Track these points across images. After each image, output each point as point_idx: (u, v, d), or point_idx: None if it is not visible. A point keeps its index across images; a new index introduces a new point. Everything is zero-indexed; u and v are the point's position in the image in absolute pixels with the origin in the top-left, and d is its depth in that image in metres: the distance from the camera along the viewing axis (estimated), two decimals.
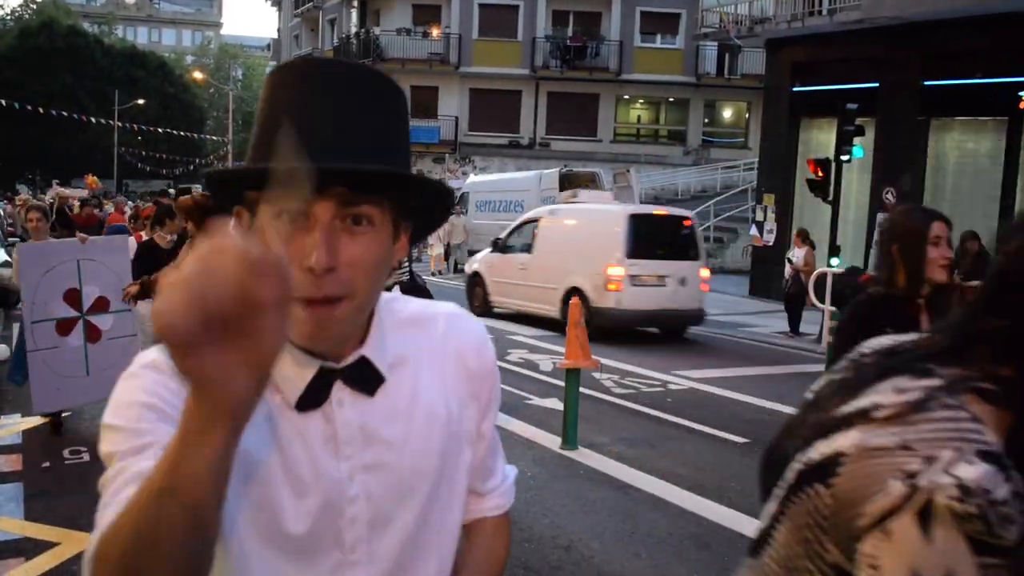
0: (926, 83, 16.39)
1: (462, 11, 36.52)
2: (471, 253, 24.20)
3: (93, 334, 7.34)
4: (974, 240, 11.93)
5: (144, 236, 8.79)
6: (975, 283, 7.20)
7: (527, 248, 14.66)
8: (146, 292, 7.93)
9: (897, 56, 16.62)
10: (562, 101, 36.74)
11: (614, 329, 12.89)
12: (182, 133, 53.65)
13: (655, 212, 14.04)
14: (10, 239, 16.50)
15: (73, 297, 7.19)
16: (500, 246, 15.46)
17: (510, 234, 15.37)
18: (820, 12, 17.89)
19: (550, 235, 14.15)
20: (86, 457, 6.78)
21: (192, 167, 58.33)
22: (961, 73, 15.85)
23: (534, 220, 14.94)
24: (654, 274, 13.10)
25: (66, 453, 6.84)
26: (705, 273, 13.86)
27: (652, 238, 13.29)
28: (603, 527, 5.64)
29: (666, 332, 14.10)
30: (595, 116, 37.09)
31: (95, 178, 26.96)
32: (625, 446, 7.49)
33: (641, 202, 24.33)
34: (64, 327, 7.16)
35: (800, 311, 14.30)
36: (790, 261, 14.68)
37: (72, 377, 7.17)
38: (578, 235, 13.93)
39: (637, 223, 13.22)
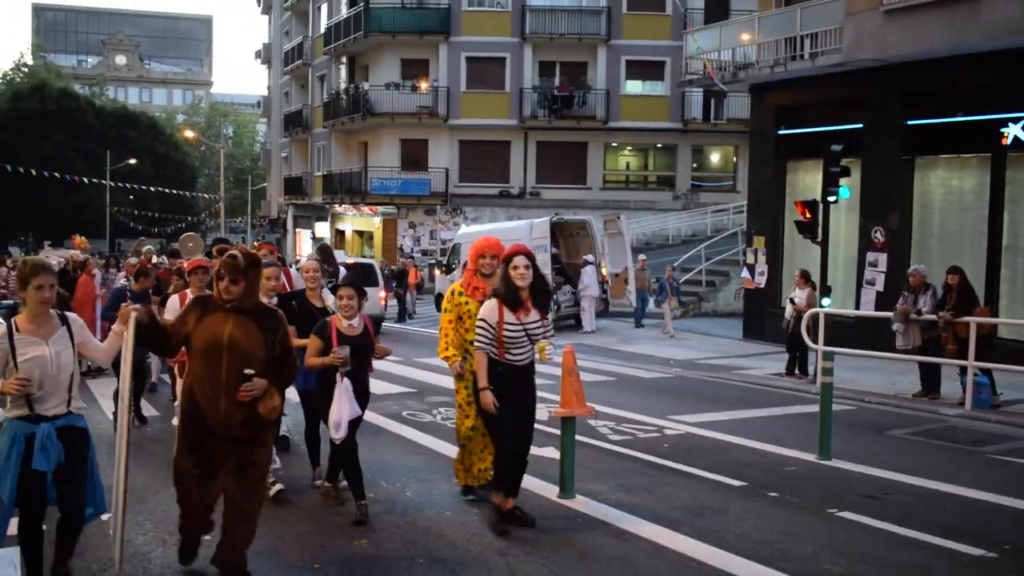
0: (908, 123, 16.58)
1: (450, 64, 36.94)
2: None
3: None
4: (955, 274, 12.03)
5: (190, 294, 8.23)
6: (965, 319, 7.32)
7: None
8: None
9: (879, 97, 16.84)
10: (551, 150, 37.04)
11: None
12: (174, 192, 53.92)
13: (347, 262, 19.23)
14: (2, 302, 16.41)
15: None
16: None
17: None
18: (802, 56, 18.14)
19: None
20: None
21: (184, 225, 58.52)
22: (943, 112, 16.04)
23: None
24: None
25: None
26: (382, 293, 21.58)
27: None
28: (603, 574, 5.61)
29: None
30: (584, 164, 37.37)
31: (83, 239, 26.91)
32: (623, 492, 7.47)
33: (633, 248, 24.49)
34: None
35: (805, 352, 14.31)
36: (792, 302, 14.71)
37: None
38: None
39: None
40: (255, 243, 11.21)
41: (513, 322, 6.31)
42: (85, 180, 46.48)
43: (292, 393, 7.50)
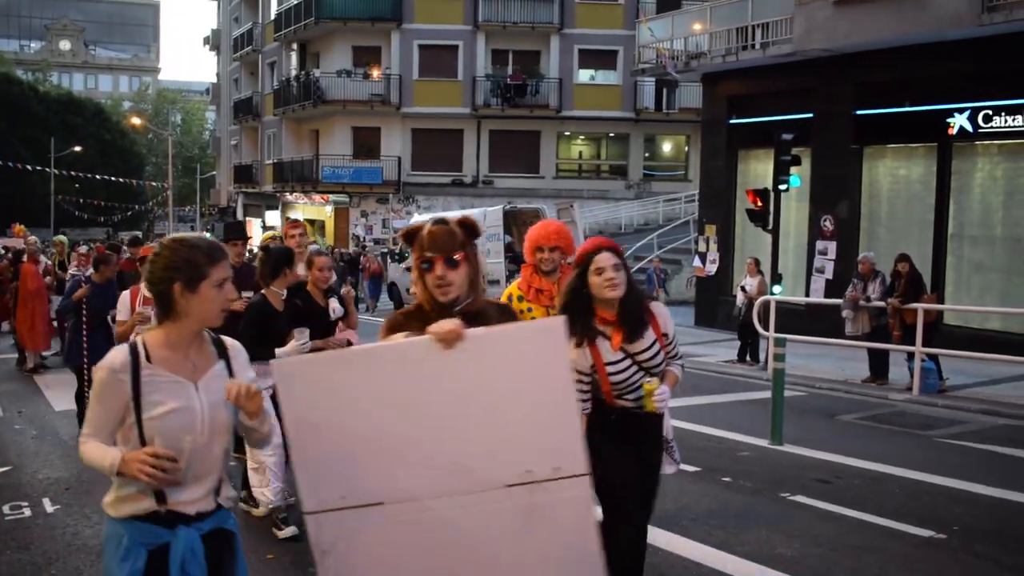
0: (858, 112, 16.79)
1: (402, 52, 36.69)
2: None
3: None
4: (904, 262, 12.22)
5: (142, 289, 6.95)
6: (912, 305, 7.32)
7: None
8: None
9: (829, 87, 17.03)
10: (504, 139, 36.98)
11: None
12: (121, 180, 52.95)
13: None
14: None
15: None
16: None
17: None
18: (753, 46, 18.29)
19: None
20: (27, 512, 6.58)
21: (131, 214, 57.53)
22: (891, 102, 16.27)
23: None
24: None
25: (6, 509, 6.65)
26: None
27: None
28: None
29: None
30: (537, 153, 37.37)
31: (22, 227, 26.25)
32: None
33: (584, 236, 24.51)
34: None
35: (756, 339, 14.45)
36: (744, 290, 14.84)
37: None
38: None
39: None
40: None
41: (616, 358, 4.13)
42: (28, 167, 45.44)
43: None
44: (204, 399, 2.83)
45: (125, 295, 7.27)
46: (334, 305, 6.42)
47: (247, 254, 8.22)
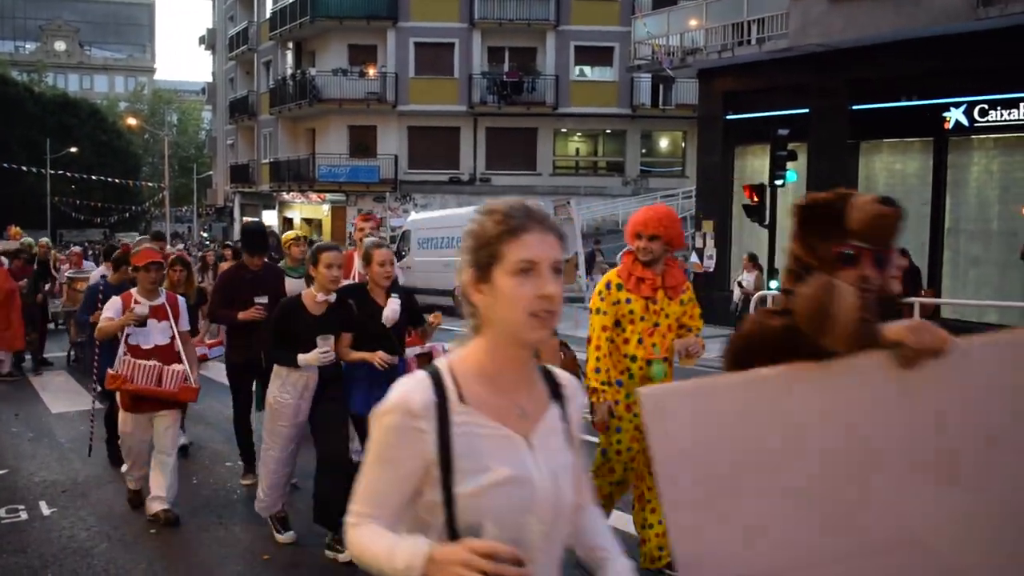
0: (854, 107, 16.79)
1: (398, 50, 36.66)
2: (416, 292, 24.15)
3: None
4: (905, 256, 12.24)
5: (135, 294, 6.22)
6: (909, 299, 7.26)
7: None
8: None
9: (825, 82, 17.02)
10: (501, 136, 36.96)
11: None
12: (117, 180, 52.92)
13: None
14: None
15: None
16: None
17: None
18: (749, 41, 18.27)
19: None
20: (23, 515, 6.57)
21: (128, 214, 57.50)
22: (887, 97, 16.27)
23: None
24: None
25: (2, 512, 6.63)
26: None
27: None
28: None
29: None
30: (534, 150, 37.35)
31: (18, 229, 26.21)
32: None
33: (583, 234, 24.54)
34: None
35: None
36: (740, 285, 14.87)
37: None
38: None
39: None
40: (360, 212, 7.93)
41: None
42: (24, 169, 45.41)
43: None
44: (543, 464, 1.81)
45: (116, 299, 6.28)
46: (387, 312, 5.47)
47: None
